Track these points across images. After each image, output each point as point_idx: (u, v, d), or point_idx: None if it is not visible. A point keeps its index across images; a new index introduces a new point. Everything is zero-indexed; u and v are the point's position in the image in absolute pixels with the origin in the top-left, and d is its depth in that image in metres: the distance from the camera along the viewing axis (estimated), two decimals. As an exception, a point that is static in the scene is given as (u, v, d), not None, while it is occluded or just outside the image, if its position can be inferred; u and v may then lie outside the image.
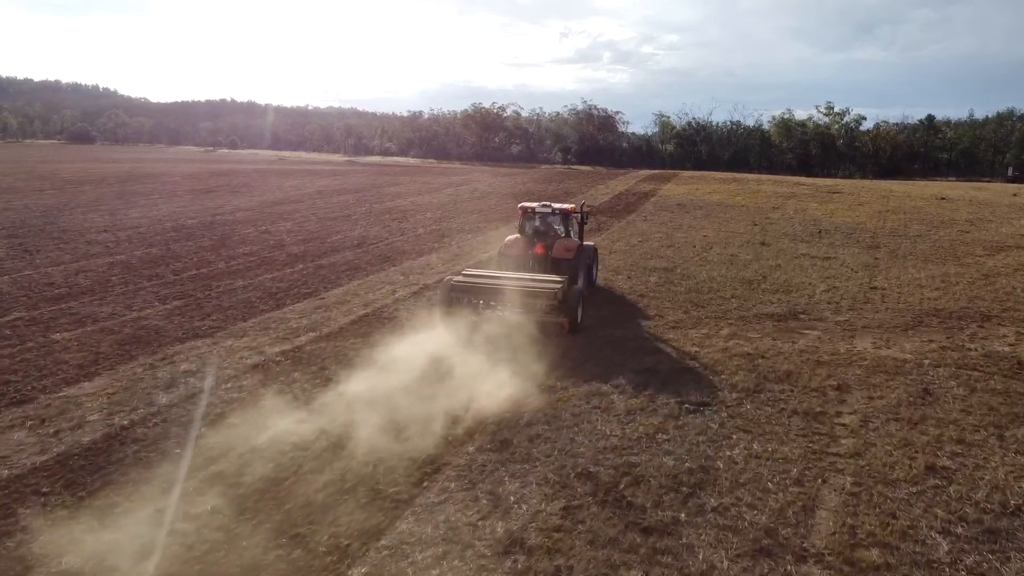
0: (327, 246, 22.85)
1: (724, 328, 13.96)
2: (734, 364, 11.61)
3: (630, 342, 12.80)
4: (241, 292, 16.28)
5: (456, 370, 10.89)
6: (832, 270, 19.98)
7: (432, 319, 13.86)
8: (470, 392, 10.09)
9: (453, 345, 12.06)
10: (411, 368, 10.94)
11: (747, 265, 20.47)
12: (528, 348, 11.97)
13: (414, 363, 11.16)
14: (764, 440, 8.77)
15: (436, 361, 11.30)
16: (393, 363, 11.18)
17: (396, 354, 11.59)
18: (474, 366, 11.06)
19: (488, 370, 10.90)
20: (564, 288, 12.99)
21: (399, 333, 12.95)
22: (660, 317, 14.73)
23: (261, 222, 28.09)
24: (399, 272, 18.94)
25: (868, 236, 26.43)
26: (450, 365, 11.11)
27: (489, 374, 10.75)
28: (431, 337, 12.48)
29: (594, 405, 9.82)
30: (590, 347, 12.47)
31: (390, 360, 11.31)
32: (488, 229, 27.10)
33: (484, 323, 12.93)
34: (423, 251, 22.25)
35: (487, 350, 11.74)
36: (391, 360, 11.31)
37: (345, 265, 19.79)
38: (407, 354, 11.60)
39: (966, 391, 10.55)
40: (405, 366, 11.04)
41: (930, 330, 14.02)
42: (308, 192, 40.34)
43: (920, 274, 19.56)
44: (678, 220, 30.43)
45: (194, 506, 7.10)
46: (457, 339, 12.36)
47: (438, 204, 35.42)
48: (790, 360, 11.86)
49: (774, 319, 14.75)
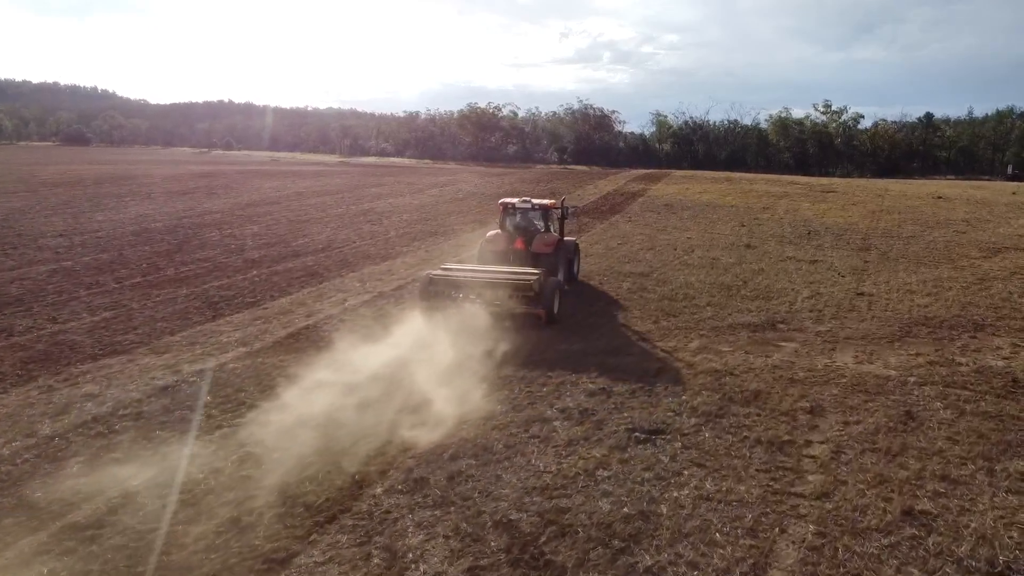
0: (289, 250, 21.74)
1: (694, 340, 12.84)
2: (698, 383, 10.48)
3: (588, 357, 11.67)
4: (181, 301, 15.17)
5: (390, 393, 9.79)
6: (818, 274, 18.85)
7: (378, 331, 12.79)
8: (397, 420, 9.00)
9: (395, 361, 10.98)
10: (339, 390, 9.85)
11: (728, 269, 19.35)
12: (474, 366, 10.89)
13: (345, 384, 10.08)
14: (719, 477, 7.65)
15: (371, 381, 10.21)
16: (319, 385, 10.08)
17: (326, 375, 10.49)
18: (411, 389, 9.97)
19: (425, 393, 9.80)
20: (540, 280, 13.13)
21: (337, 348, 11.83)
22: (626, 328, 13.61)
23: (228, 225, 26.99)
24: (357, 278, 17.82)
25: (859, 237, 25.29)
26: (385, 386, 10.02)
27: (424, 399, 9.65)
28: (372, 352, 11.39)
29: (533, 434, 8.70)
30: (542, 363, 11.36)
31: (317, 382, 10.21)
32: (463, 232, 25.99)
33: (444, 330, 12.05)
34: (389, 255, 21.14)
35: (431, 369, 10.67)
36: (318, 382, 10.21)
37: (302, 271, 18.69)
38: (339, 373, 10.52)
39: (954, 414, 9.43)
40: (333, 388, 9.95)
41: (918, 341, 12.89)
42: (287, 193, 39.23)
43: (911, 278, 18.42)
44: (663, 221, 29.30)
45: (30, 569, 5.99)
46: (403, 352, 11.29)
47: (417, 206, 34.32)
48: (761, 378, 10.73)
49: (750, 329, 13.62)
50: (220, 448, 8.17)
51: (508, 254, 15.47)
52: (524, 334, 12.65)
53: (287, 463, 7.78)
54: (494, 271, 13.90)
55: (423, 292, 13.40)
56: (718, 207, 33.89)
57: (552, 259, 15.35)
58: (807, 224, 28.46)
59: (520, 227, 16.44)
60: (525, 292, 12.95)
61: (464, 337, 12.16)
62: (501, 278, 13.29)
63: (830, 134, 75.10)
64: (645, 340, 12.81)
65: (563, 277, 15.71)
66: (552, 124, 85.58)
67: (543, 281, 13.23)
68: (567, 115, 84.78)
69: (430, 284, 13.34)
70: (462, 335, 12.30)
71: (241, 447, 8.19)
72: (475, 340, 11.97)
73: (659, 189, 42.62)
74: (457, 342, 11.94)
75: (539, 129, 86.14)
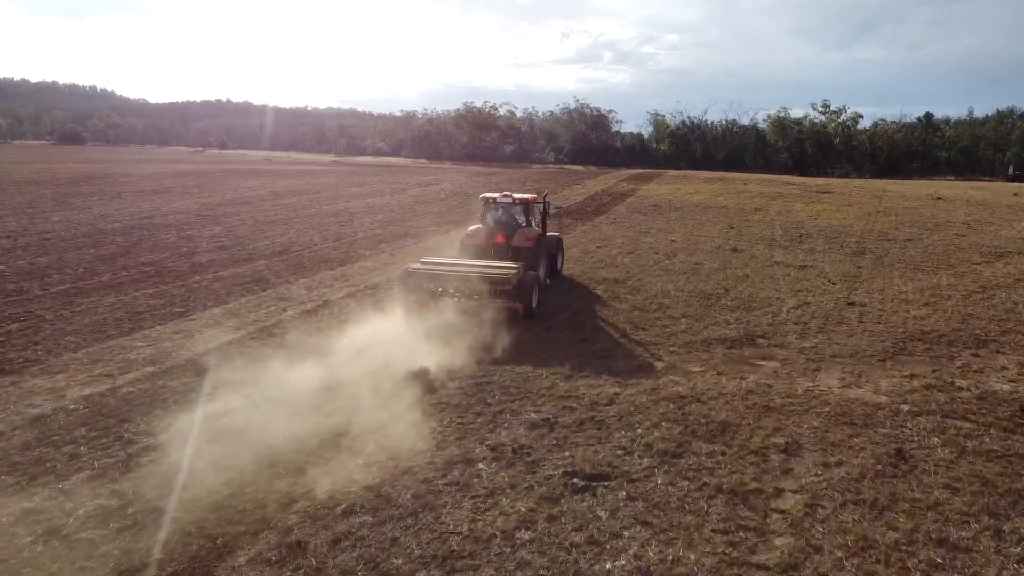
0: (244, 253, 20.34)
1: (662, 358, 11.44)
2: (659, 412, 9.09)
3: (537, 380, 10.27)
4: (102, 311, 13.77)
5: (298, 424, 8.40)
6: (806, 281, 17.45)
7: (308, 347, 11.41)
8: (294, 461, 7.60)
9: (317, 384, 9.59)
10: (240, 422, 8.46)
11: (710, 276, 17.94)
12: (407, 387, 9.51)
13: (249, 414, 8.69)
14: (665, 540, 6.25)
15: (281, 409, 8.82)
16: (219, 416, 8.69)
17: (231, 402, 9.11)
18: (324, 419, 8.59)
19: (337, 426, 8.42)
20: (519, 274, 13.02)
21: (256, 368, 10.44)
22: (588, 343, 12.20)
23: (190, 226, 25.59)
24: (306, 285, 16.42)
25: (854, 241, 23.90)
26: (294, 416, 8.62)
27: (335, 432, 8.27)
28: (294, 373, 10.00)
29: (451, 480, 7.30)
30: (485, 386, 9.96)
31: (217, 412, 8.82)
32: (436, 234, 24.61)
33: (384, 344, 10.78)
34: (348, 259, 19.74)
35: (356, 392, 9.30)
36: (219, 412, 8.82)
37: (249, 277, 17.28)
38: (248, 399, 9.14)
39: (953, 453, 8.03)
40: (234, 419, 8.57)
41: (913, 360, 11.49)
42: (263, 193, 37.85)
43: (907, 286, 17.02)
44: (648, 223, 27.90)
45: None
46: (330, 372, 9.90)
47: (395, 205, 32.93)
48: (731, 406, 9.34)
49: (726, 345, 12.23)
50: (67, 500, 6.77)
51: (488, 248, 15.37)
52: (475, 350, 11.27)
53: (141, 523, 6.39)
54: (472, 265, 13.68)
55: (401, 286, 13.22)
56: (708, 208, 32.51)
57: (533, 254, 15.23)
58: (799, 226, 27.09)
59: (501, 222, 16.31)
60: (503, 286, 12.81)
61: (404, 352, 10.80)
62: (479, 272, 13.09)
63: (829, 134, 73.81)
64: (606, 358, 11.40)
65: (545, 272, 15.83)
66: (549, 124, 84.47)
67: (521, 275, 13.10)
68: (564, 114, 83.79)
69: (408, 278, 13.13)
70: (403, 349, 10.94)
71: (94, 499, 6.79)
72: (416, 355, 10.60)
73: (649, 189, 41.25)
74: (394, 357, 10.57)
75: (536, 129, 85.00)
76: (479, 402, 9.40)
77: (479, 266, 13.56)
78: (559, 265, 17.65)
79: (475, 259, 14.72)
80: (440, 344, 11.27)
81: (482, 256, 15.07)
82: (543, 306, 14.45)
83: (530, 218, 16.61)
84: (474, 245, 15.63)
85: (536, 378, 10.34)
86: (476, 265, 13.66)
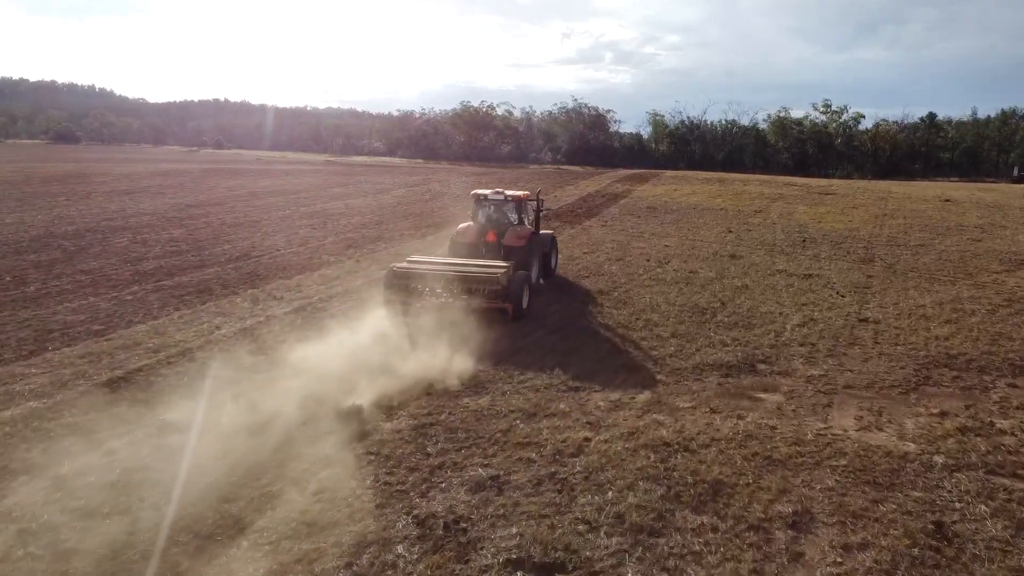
0: (197, 260, 18.61)
1: (645, 390, 9.71)
2: (636, 466, 7.36)
3: (492, 419, 8.55)
4: (8, 329, 12.03)
5: (184, 503, 6.68)
6: (812, 293, 15.72)
7: (229, 376, 9.71)
8: (163, 550, 5.89)
9: (231, 426, 7.89)
10: (113, 477, 6.75)
11: (706, 286, 16.22)
12: (337, 429, 7.80)
13: (130, 463, 6.97)
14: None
15: (177, 457, 7.11)
16: (84, 473, 6.97)
17: (115, 449, 7.40)
18: (225, 471, 6.89)
19: (240, 481, 6.71)
20: (508, 273, 12.61)
21: (161, 402, 8.73)
22: (561, 370, 10.46)
23: (151, 228, 23.88)
24: (253, 297, 14.69)
25: (861, 246, 22.18)
26: (192, 468, 6.91)
27: (232, 490, 6.55)
28: (209, 410, 8.29)
29: (354, 574, 5.57)
30: (430, 427, 8.25)
31: (90, 466, 7.10)
32: (412, 238, 22.90)
33: (325, 376, 9.13)
34: (310, 266, 18.01)
35: (277, 430, 7.62)
36: (87, 467, 7.09)
37: (194, 287, 15.56)
38: (134, 447, 7.43)
39: (1008, 529, 6.31)
40: (107, 472, 6.85)
41: (941, 393, 9.78)
42: (241, 193, 36.13)
43: (925, 299, 15.30)
44: (642, 226, 26.18)
45: None
46: (249, 420, 8.19)
47: (376, 207, 31.20)
48: (726, 456, 7.62)
49: (722, 372, 10.51)
50: None
51: (479, 247, 14.87)
52: (430, 374, 9.57)
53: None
54: (460, 264, 13.23)
55: (386, 286, 12.75)
56: (706, 210, 30.79)
57: (524, 253, 14.68)
58: (802, 230, 25.38)
59: (492, 219, 15.77)
60: (492, 286, 12.38)
61: (339, 383, 9.11)
62: (467, 271, 12.64)
63: (830, 134, 72.16)
64: (580, 389, 9.68)
65: (537, 272, 15.44)
66: (547, 123, 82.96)
67: (511, 275, 12.67)
68: (562, 114, 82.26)
69: (393, 278, 12.66)
70: (338, 380, 9.25)
71: None
72: (353, 389, 8.91)
73: (645, 190, 39.54)
74: (326, 391, 8.88)
75: (534, 129, 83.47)
76: (417, 451, 7.68)
77: (467, 265, 13.06)
78: (553, 265, 17.05)
79: (465, 258, 14.18)
80: (400, 360, 9.60)
81: (473, 255, 14.52)
82: (512, 321, 12.75)
83: (522, 216, 15.98)
84: (464, 243, 15.03)
85: (492, 416, 8.62)
86: (464, 264, 13.18)
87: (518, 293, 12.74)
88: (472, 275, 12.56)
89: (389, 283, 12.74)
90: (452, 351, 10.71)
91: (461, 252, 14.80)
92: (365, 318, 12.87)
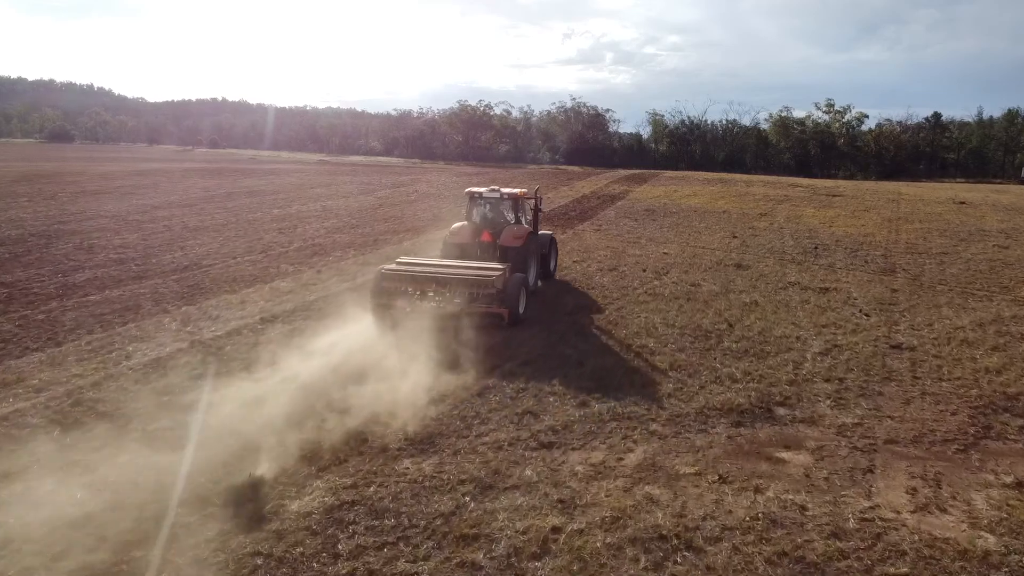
0: (139, 270, 16.59)
1: (636, 447, 7.70)
2: (625, 573, 5.35)
3: (435, 494, 6.53)
4: None
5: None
6: (832, 311, 13.70)
7: (120, 419, 7.71)
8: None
9: (105, 500, 5.91)
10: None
11: (710, 302, 14.20)
12: (208, 506, 5.79)
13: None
14: None
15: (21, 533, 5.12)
16: None
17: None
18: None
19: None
20: (503, 276, 11.94)
21: (25, 454, 6.73)
22: (534, 417, 8.45)
23: (104, 232, 21.90)
24: (185, 316, 12.67)
25: (879, 254, 20.18)
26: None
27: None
28: (38, 499, 6.30)
29: None
30: (339, 518, 6.23)
31: None
32: (387, 243, 20.89)
33: (219, 429, 7.04)
34: (264, 277, 15.99)
35: (143, 505, 5.61)
36: None
37: (123, 303, 13.54)
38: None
39: None
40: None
41: (1009, 449, 7.78)
42: (217, 194, 34.15)
43: (963, 319, 13.29)
44: (639, 231, 24.17)
45: None
46: (113, 497, 6.21)
47: (355, 209, 29.18)
48: (743, 557, 5.61)
49: (732, 419, 8.50)
50: None
51: (474, 247, 14.14)
52: (378, 417, 7.57)
53: None
54: (453, 266, 12.57)
55: (375, 289, 12.01)
56: (708, 213, 28.78)
57: (521, 253, 13.85)
58: (812, 235, 23.38)
59: (488, 218, 14.99)
60: (486, 290, 11.64)
61: (245, 442, 7.13)
62: (460, 274, 11.96)
63: (833, 134, 70.13)
64: (553, 446, 7.67)
65: (535, 274, 14.67)
66: (545, 123, 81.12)
67: (506, 277, 11.98)
68: (560, 114, 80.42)
69: (382, 281, 11.96)
70: (244, 438, 7.27)
71: None
72: (261, 449, 6.93)
73: (643, 191, 37.57)
74: (229, 452, 6.89)
75: (532, 128, 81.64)
76: (324, 548, 5.67)
77: (461, 267, 12.37)
78: (552, 267, 16.14)
79: (460, 259, 13.48)
80: (340, 397, 7.59)
81: (467, 256, 13.80)
82: (482, 348, 10.74)
83: (520, 215, 15.11)
84: (458, 244, 14.22)
85: (435, 490, 6.60)
86: (457, 267, 12.46)
87: (514, 297, 11.96)
88: (465, 278, 11.73)
89: (377, 287, 11.95)
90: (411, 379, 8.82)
91: (454, 253, 14.01)
92: (309, 344, 10.90)
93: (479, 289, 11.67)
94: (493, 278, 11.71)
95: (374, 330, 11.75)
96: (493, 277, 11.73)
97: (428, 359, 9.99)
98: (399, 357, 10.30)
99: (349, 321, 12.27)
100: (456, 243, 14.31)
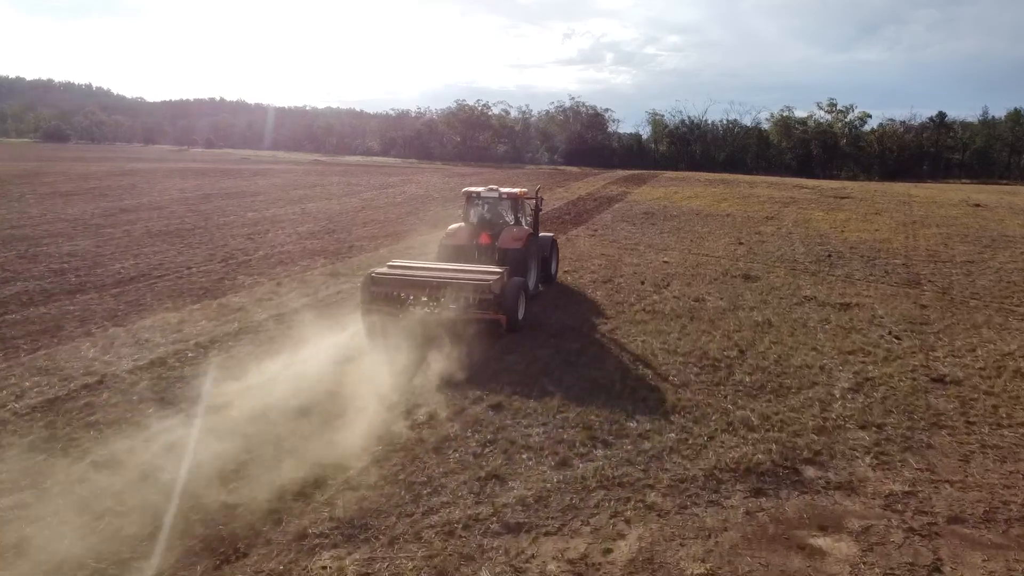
0: (78, 282, 14.84)
1: (628, 530, 5.96)
2: None
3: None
4: None
5: None
6: (858, 334, 11.95)
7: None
8: None
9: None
10: None
11: (717, 322, 12.45)
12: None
13: None
14: None
15: None
16: None
17: None
18: None
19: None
20: (501, 280, 11.26)
21: None
22: (500, 483, 6.70)
23: (54, 239, 20.15)
24: (109, 341, 10.89)
25: (900, 263, 18.44)
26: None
27: None
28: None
29: None
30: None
31: None
32: (363, 250, 19.17)
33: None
34: (216, 291, 14.24)
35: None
36: None
37: (42, 323, 11.79)
38: None
39: None
40: None
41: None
42: (193, 196, 32.38)
43: (1009, 343, 11.54)
44: (637, 236, 22.44)
45: None
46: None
47: (335, 212, 27.42)
48: None
49: (750, 485, 6.75)
50: None
51: (471, 250, 13.65)
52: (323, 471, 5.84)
53: None
54: (448, 270, 11.98)
55: (364, 294, 11.38)
56: (710, 216, 27.05)
57: (521, 256, 13.21)
58: (824, 241, 21.65)
59: (486, 220, 14.45)
60: (483, 294, 11.03)
61: (147, 504, 5.40)
62: (455, 278, 11.36)
63: (835, 134, 68.42)
64: (520, 529, 5.92)
65: (535, 278, 14.08)
66: (544, 123, 79.56)
67: (504, 282, 11.34)
68: (559, 113, 78.86)
69: (372, 285, 11.33)
70: (147, 500, 5.54)
71: None
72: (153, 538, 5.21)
73: (642, 193, 35.85)
74: (128, 521, 5.16)
75: (531, 128, 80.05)
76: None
77: (457, 271, 11.82)
78: (554, 269, 15.51)
79: (456, 261, 12.92)
80: (272, 451, 5.87)
81: (464, 258, 13.26)
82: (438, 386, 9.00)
83: (519, 216, 14.54)
84: (455, 246, 13.65)
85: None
86: (452, 270, 11.90)
87: (513, 303, 11.35)
88: (461, 282, 11.11)
89: (366, 292, 11.29)
90: (359, 426, 7.16)
91: (451, 256, 13.45)
92: (246, 376, 9.19)
93: (475, 294, 11.00)
94: (490, 282, 11.01)
95: (326, 356, 10.07)
96: (490, 281, 11.03)
97: (385, 396, 8.30)
98: (352, 392, 8.63)
99: (300, 345, 10.59)
100: (452, 245, 13.71)
